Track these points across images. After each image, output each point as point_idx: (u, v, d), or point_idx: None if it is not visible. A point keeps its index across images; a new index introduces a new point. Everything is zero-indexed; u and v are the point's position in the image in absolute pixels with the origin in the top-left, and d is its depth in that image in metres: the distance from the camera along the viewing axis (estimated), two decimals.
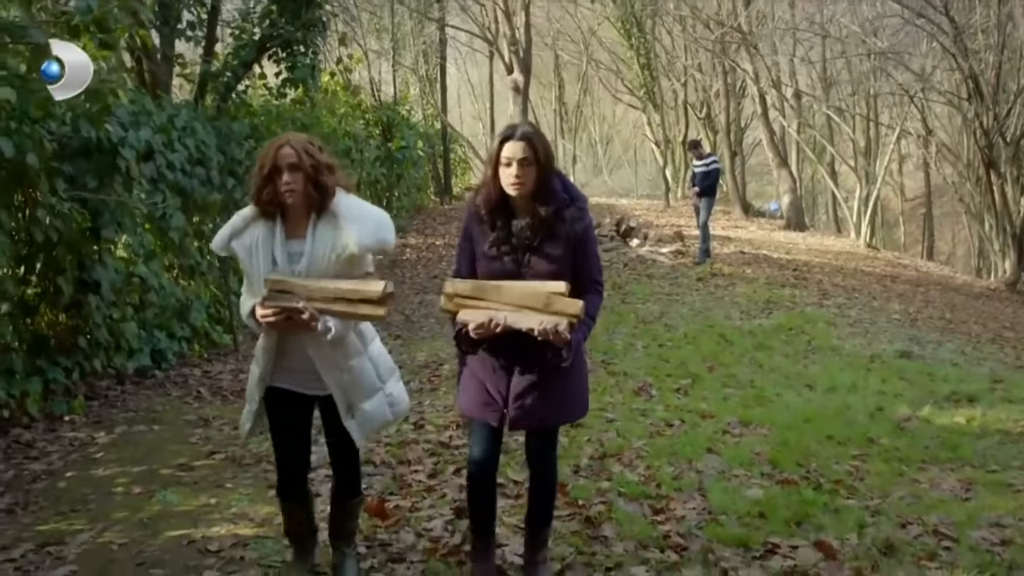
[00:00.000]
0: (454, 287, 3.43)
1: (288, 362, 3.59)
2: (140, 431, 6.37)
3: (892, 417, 7.09)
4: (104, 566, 4.17)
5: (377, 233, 3.45)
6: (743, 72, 23.36)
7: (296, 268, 3.45)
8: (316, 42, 10.95)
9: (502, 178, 3.44)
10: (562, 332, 3.27)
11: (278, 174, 3.35)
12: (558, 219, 3.46)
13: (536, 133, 3.50)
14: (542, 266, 3.45)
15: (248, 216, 3.50)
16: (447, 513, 4.64)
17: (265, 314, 3.37)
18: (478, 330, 3.35)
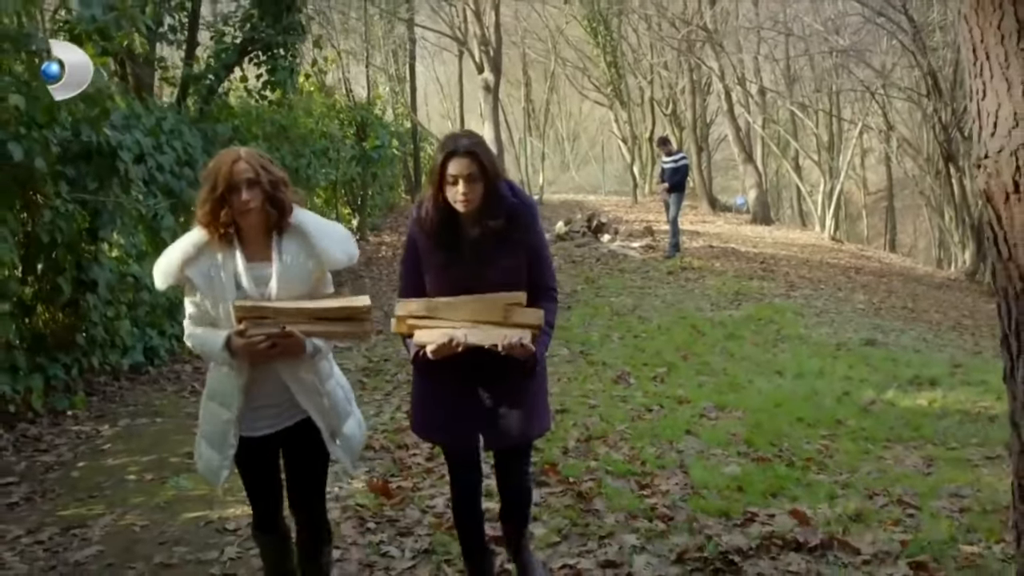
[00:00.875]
0: (406, 308, 3.24)
1: (259, 399, 3.28)
2: (143, 424, 6.63)
3: (858, 400, 7.46)
4: (129, 546, 4.45)
5: (345, 247, 3.28)
6: (709, 69, 23.77)
7: (265, 292, 3.18)
8: (295, 45, 11.21)
9: (448, 195, 3.23)
10: (527, 345, 3.15)
11: (234, 192, 3.07)
12: (510, 227, 3.29)
13: (479, 144, 3.30)
14: (497, 277, 3.26)
15: (199, 241, 3.16)
16: (445, 492, 4.95)
17: (252, 342, 3.08)
18: (438, 352, 3.15)
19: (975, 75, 1.95)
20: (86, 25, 6.03)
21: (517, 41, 31.91)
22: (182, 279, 3.16)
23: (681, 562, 4.10)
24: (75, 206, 6.58)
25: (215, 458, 3.32)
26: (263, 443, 3.31)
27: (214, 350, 3.15)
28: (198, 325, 3.25)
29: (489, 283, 3.23)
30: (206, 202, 3.10)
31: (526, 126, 33.45)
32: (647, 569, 4.03)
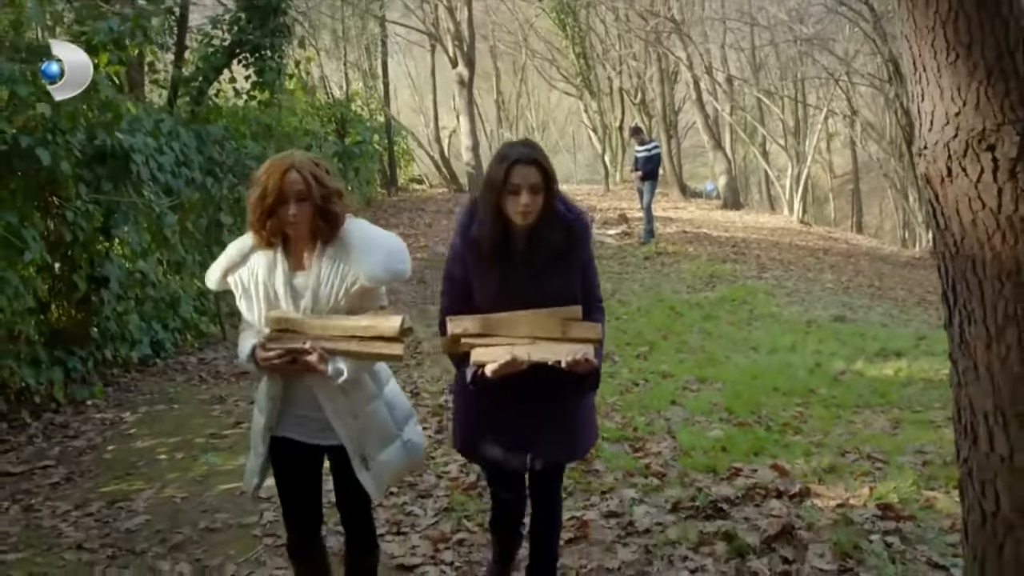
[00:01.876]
0: (460, 326, 3.08)
1: (296, 409, 3.20)
2: (161, 410, 7.03)
3: (829, 371, 8.00)
4: (173, 514, 4.89)
5: (388, 263, 3.06)
6: (677, 59, 24.28)
7: (300, 304, 3.07)
8: (282, 47, 11.60)
9: (508, 205, 3.07)
10: (591, 360, 3.02)
11: (282, 204, 2.97)
12: (566, 241, 3.16)
13: (541, 152, 3.16)
14: (552, 292, 3.12)
15: (245, 248, 3.12)
16: (458, 459, 5.41)
17: (267, 357, 3.03)
18: (500, 371, 3.01)
19: (915, 83, 2.43)
20: (103, 36, 6.44)
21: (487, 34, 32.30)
22: (225, 285, 3.15)
23: (676, 511, 4.60)
24: (94, 206, 6.96)
25: (252, 462, 3.31)
26: (298, 449, 3.22)
27: (243, 357, 3.15)
28: (246, 329, 3.22)
29: (544, 299, 3.09)
30: (255, 209, 3.02)
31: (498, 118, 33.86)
32: (646, 517, 4.52)
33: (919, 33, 2.34)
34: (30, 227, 6.25)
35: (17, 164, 6.07)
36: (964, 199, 2.31)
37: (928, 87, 2.36)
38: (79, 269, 7.40)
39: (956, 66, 2.29)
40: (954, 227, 2.35)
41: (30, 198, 6.43)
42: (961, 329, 2.40)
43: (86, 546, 4.52)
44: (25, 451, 6.10)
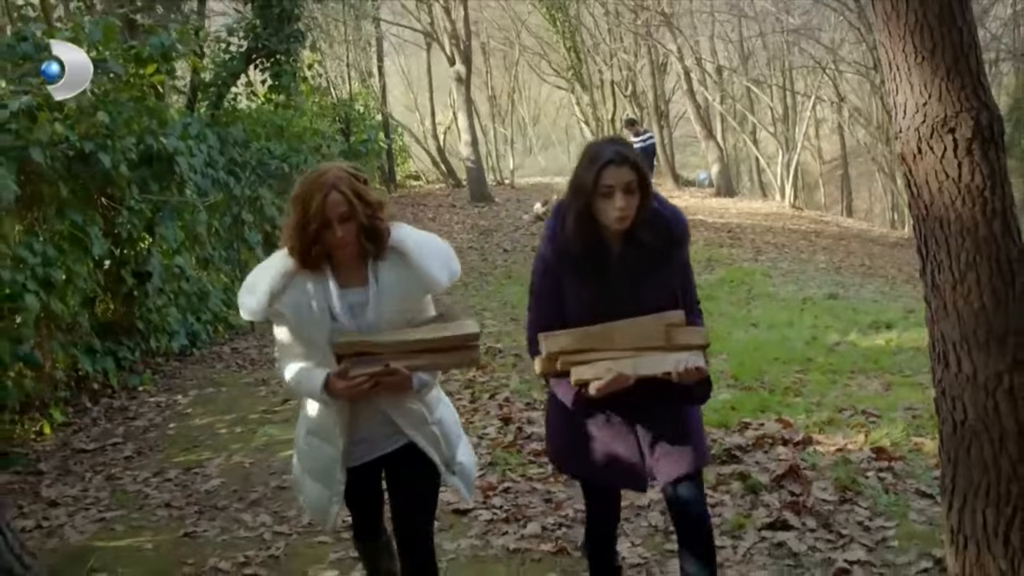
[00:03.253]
0: (556, 343, 2.87)
1: (360, 433, 3.07)
2: (211, 393, 7.61)
3: (825, 343, 8.61)
4: (245, 477, 5.48)
5: (448, 266, 2.99)
6: (667, 51, 24.84)
7: (362, 322, 2.93)
8: (297, 52, 12.17)
9: (601, 210, 2.89)
10: (702, 368, 2.86)
11: (327, 228, 2.82)
12: (664, 243, 2.97)
13: (633, 151, 2.99)
14: (651, 300, 2.94)
15: (286, 271, 2.92)
16: (496, 422, 6.01)
17: (352, 385, 2.85)
18: (605, 389, 2.82)
19: (891, 80, 3.01)
20: (152, 49, 7.01)
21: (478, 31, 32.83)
22: (272, 314, 2.93)
23: None
24: (144, 205, 7.53)
25: (324, 495, 3.14)
26: (366, 469, 3.13)
27: (312, 393, 2.96)
28: (290, 359, 3.04)
29: (644, 307, 2.92)
30: (295, 235, 2.87)
31: (491, 114, 34.38)
32: None
33: (893, 40, 2.93)
34: (92, 225, 6.81)
35: (78, 168, 6.63)
36: (932, 172, 2.90)
37: (901, 83, 2.95)
38: (126, 265, 7.96)
39: (923, 66, 2.87)
40: (924, 195, 2.94)
41: (88, 199, 7.00)
42: (932, 276, 2.99)
43: (173, 504, 5.11)
44: (92, 431, 6.68)
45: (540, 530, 4.43)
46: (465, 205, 21.70)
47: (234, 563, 4.30)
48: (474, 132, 22.56)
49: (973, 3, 3.39)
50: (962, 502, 3.04)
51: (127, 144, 7.12)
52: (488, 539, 4.42)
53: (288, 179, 12.43)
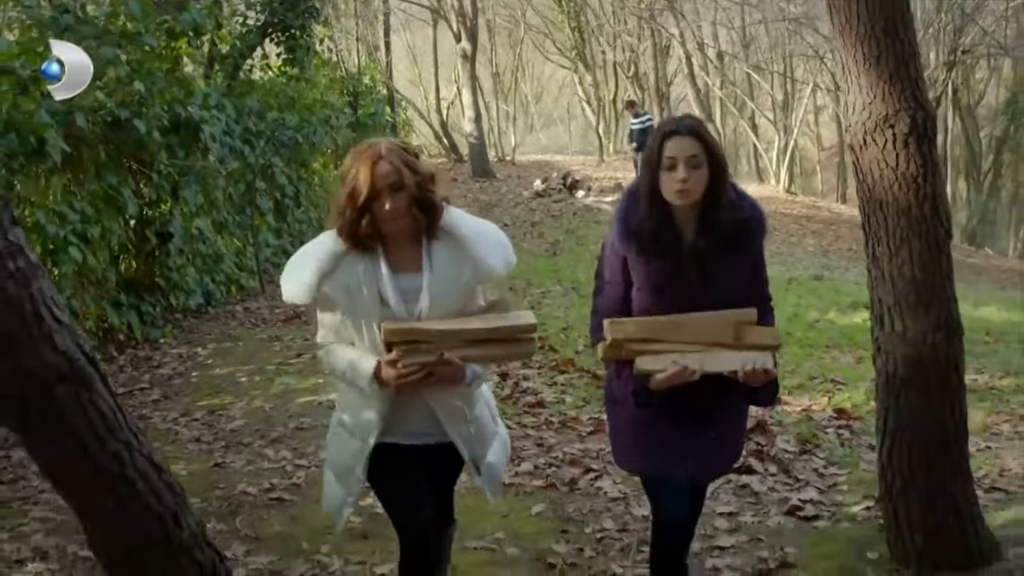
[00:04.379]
0: (622, 330, 2.77)
1: (402, 426, 2.91)
2: (228, 347, 8.14)
3: (805, 320, 9.18)
4: (265, 418, 6.02)
5: (505, 254, 2.86)
6: (669, 35, 25.29)
7: (415, 308, 2.79)
8: (311, 27, 12.64)
9: (663, 184, 2.79)
10: (770, 370, 2.78)
11: (376, 200, 2.69)
12: (739, 235, 2.87)
13: (703, 125, 2.90)
14: (721, 295, 2.83)
15: (336, 251, 2.79)
16: (495, 378, 6.53)
17: (404, 375, 2.70)
18: (668, 382, 2.73)
19: (844, 81, 3.53)
20: (184, 24, 7.51)
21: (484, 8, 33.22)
22: (319, 296, 2.80)
23: None
24: (173, 169, 8.05)
25: (339, 494, 3.02)
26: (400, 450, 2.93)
27: (361, 382, 2.79)
28: (337, 345, 2.93)
29: (714, 297, 2.82)
30: (344, 211, 2.74)
31: (495, 90, 34.83)
32: None
33: (846, 48, 3.45)
34: (125, 186, 7.34)
35: (115, 133, 7.14)
36: (875, 161, 3.43)
37: (852, 84, 3.48)
38: (151, 225, 8.48)
39: (870, 71, 3.39)
40: (868, 180, 3.48)
41: (120, 163, 7.52)
42: (873, 249, 3.53)
43: (202, 440, 5.66)
44: (120, 377, 7.21)
45: (532, 468, 4.99)
46: (467, 180, 22.20)
47: (260, 489, 4.84)
48: (477, 109, 23.04)
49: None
50: (892, 442, 3.61)
51: (158, 112, 7.62)
52: None
53: (300, 149, 12.96)
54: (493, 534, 4.21)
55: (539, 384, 6.51)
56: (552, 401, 6.16)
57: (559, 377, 6.70)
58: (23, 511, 4.66)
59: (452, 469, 3.11)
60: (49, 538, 4.33)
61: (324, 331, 2.95)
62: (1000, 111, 30.63)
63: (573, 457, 5.15)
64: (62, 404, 2.27)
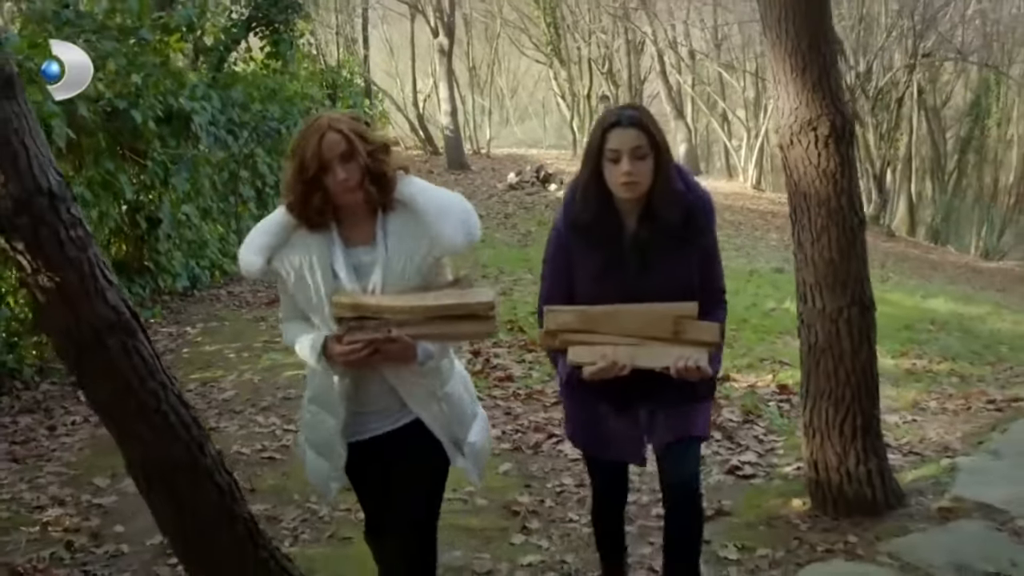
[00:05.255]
0: (557, 320, 2.78)
1: (367, 407, 2.86)
2: (215, 326, 8.59)
3: (762, 308, 9.74)
4: (255, 390, 6.50)
5: (467, 228, 2.72)
6: (643, 34, 25.84)
7: (368, 283, 2.72)
8: (294, 21, 13.07)
9: (608, 176, 2.78)
10: (704, 368, 2.72)
11: (327, 172, 2.60)
12: (684, 226, 2.84)
13: (646, 115, 2.84)
14: (663, 286, 2.80)
15: (286, 224, 2.74)
16: (467, 355, 7.05)
17: (348, 351, 2.65)
18: (597, 375, 2.74)
19: (775, 89, 4.06)
20: (178, 20, 7.94)
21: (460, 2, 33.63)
22: (270, 272, 2.77)
23: None
24: (165, 157, 8.49)
25: (324, 468, 2.98)
26: (373, 445, 2.90)
27: (310, 357, 2.77)
28: (292, 320, 2.89)
29: (654, 292, 2.78)
30: (294, 186, 2.66)
31: (471, 84, 35.20)
32: None
33: (776, 60, 3.97)
34: (121, 173, 7.78)
35: (112, 122, 7.58)
36: (799, 159, 3.96)
37: (781, 92, 4.00)
38: (141, 211, 8.91)
39: (796, 81, 3.92)
40: (794, 175, 4.01)
41: (115, 151, 7.95)
42: (798, 235, 4.06)
43: (197, 408, 6.08)
44: None
45: (501, 434, 5.49)
46: (442, 172, 22.63)
47: (253, 449, 5.34)
48: (454, 102, 23.49)
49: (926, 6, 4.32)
50: (813, 403, 4.15)
51: (152, 102, 8.05)
52: None
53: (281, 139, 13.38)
54: (464, 488, 4.71)
55: (508, 361, 7.02)
56: (520, 376, 6.68)
57: (527, 355, 7.22)
58: (38, 466, 5.14)
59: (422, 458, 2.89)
60: (64, 489, 4.82)
61: (283, 307, 2.94)
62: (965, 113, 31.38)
63: (537, 424, 5.68)
64: (112, 349, 2.75)
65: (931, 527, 4.00)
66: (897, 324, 9.33)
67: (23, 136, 2.59)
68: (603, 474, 3.25)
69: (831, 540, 3.95)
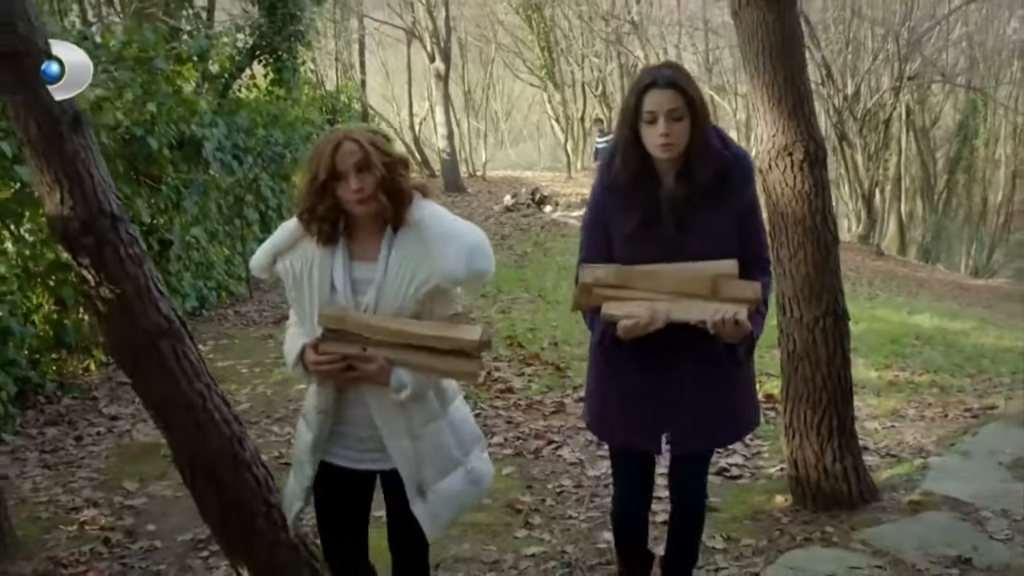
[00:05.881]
0: (594, 275, 2.74)
1: (347, 428, 2.81)
2: (226, 344, 8.94)
3: None
4: (268, 402, 6.84)
5: (471, 260, 2.62)
6: (635, 58, 26.32)
7: (362, 300, 2.67)
8: (297, 49, 13.49)
9: (645, 137, 2.75)
10: (743, 322, 2.64)
11: (340, 180, 2.58)
12: (721, 184, 2.80)
13: (684, 75, 2.79)
14: (700, 246, 2.76)
15: (296, 231, 2.73)
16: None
17: (318, 361, 2.64)
18: (632, 330, 2.68)
19: (756, 118, 4.44)
20: (191, 50, 8.33)
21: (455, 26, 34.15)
22: (273, 272, 2.78)
23: None
24: (178, 182, 8.86)
25: (293, 486, 2.95)
26: (344, 476, 2.86)
27: (289, 361, 2.79)
28: (292, 324, 2.88)
29: (691, 253, 2.75)
30: (306, 194, 2.65)
31: (466, 107, 35.67)
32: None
33: (755, 91, 4.35)
34: (138, 197, 8.14)
35: (127, 149, 7.95)
36: (777, 181, 4.33)
37: (760, 121, 4.38)
38: (153, 233, 9.26)
39: (773, 110, 4.29)
40: (773, 196, 4.38)
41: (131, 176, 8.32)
42: (777, 251, 4.42)
43: None
44: None
45: (503, 440, 5.85)
46: (439, 194, 23.01)
47: (271, 456, 5.66)
48: (450, 126, 23.92)
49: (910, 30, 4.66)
50: (792, 405, 4.51)
51: (166, 129, 8.43)
52: None
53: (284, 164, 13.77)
54: None
55: (509, 374, 7.37)
56: (520, 388, 7.03)
57: (527, 368, 7.57)
58: (70, 472, 5.48)
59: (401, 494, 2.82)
60: (96, 492, 5.16)
61: (291, 313, 2.91)
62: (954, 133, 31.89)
63: (538, 432, 6.03)
64: (164, 353, 3.11)
65: (902, 518, 4.34)
66: (883, 339, 9.73)
67: (89, 166, 2.95)
68: (626, 472, 3.17)
69: (809, 530, 4.30)
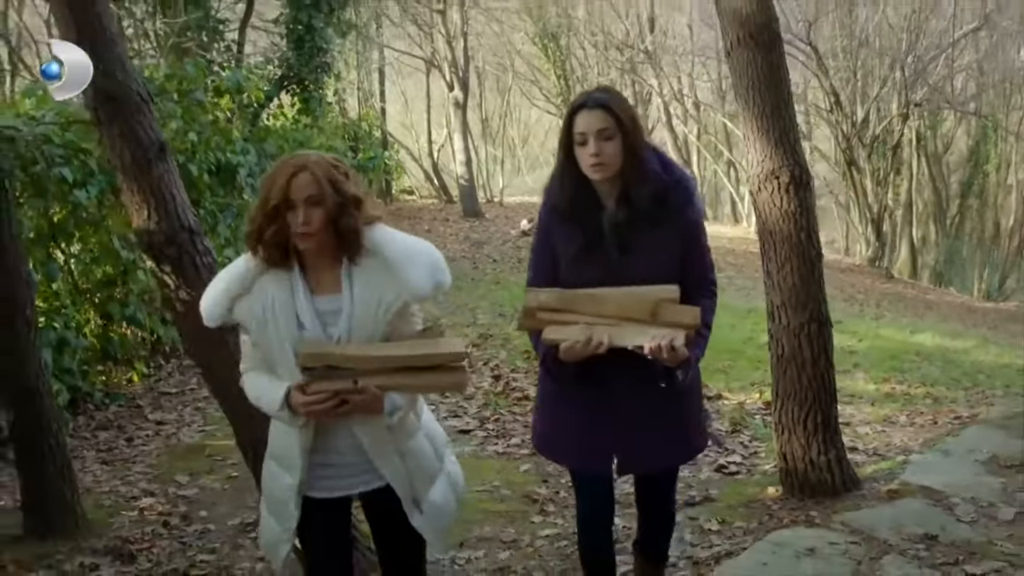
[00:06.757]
0: (537, 299, 2.80)
1: (325, 458, 2.78)
2: None
3: (758, 342, 10.53)
4: None
5: (434, 275, 2.65)
6: (649, 86, 26.91)
7: (333, 332, 2.66)
8: (323, 80, 14.10)
9: (579, 159, 2.79)
10: (679, 348, 2.67)
11: (290, 210, 2.55)
12: (660, 206, 2.81)
13: (614, 96, 2.84)
14: (644, 268, 2.79)
15: (249, 271, 2.68)
16: (490, 379, 7.89)
17: (311, 402, 2.58)
18: (570, 352, 2.73)
19: (746, 146, 4.95)
20: (228, 84, 8.92)
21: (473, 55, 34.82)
22: (230, 321, 2.73)
23: None
24: (215, 207, 9.42)
25: (275, 530, 2.88)
26: (330, 506, 2.85)
27: (272, 407, 2.69)
28: (254, 369, 2.80)
29: (633, 275, 2.78)
30: (256, 216, 2.61)
31: (483, 134, 36.30)
32: None
33: (746, 120, 4.86)
34: None
35: None
36: (767, 201, 4.83)
37: (750, 148, 4.88)
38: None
39: (761, 138, 4.80)
40: (762, 215, 4.88)
41: None
42: (767, 265, 4.92)
43: None
44: (171, 380, 8.53)
45: (520, 442, 6.34)
46: (458, 219, 23.57)
47: None
48: (468, 153, 24.48)
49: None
50: (781, 404, 4.99)
51: (206, 157, 8.99)
52: (484, 447, 6.35)
53: None
54: (491, 482, 5.55)
55: (525, 384, 7.84)
56: (535, 396, 7.51)
57: None
58: (126, 467, 6.01)
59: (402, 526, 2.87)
60: (152, 484, 5.69)
61: (244, 357, 2.87)
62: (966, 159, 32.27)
63: None
64: (229, 345, 3.62)
65: (879, 504, 4.80)
66: (884, 355, 10.19)
67: (171, 187, 3.49)
68: (587, 490, 3.22)
69: (796, 515, 4.76)
